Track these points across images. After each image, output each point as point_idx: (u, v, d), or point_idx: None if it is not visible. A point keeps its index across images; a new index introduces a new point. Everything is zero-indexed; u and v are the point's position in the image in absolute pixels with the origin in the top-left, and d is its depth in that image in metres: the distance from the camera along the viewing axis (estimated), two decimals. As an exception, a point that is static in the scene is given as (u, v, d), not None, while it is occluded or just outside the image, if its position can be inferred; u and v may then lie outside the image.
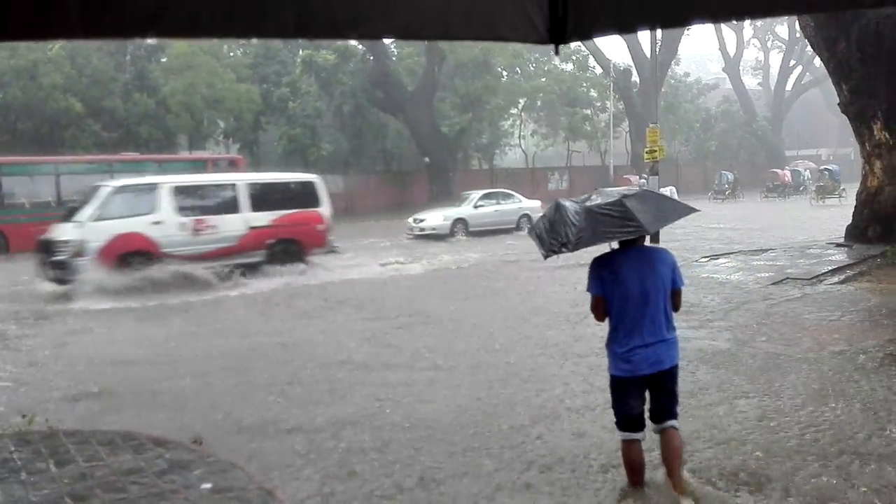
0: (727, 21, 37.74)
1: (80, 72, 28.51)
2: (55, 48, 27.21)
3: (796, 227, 20.99)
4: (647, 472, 4.19)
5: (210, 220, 13.67)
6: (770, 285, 10.94)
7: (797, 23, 22.68)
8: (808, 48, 31.66)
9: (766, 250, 15.11)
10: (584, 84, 45.08)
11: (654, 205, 4.08)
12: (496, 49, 35.41)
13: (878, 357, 6.92)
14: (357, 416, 5.76)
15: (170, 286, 12.24)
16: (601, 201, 3.89)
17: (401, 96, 34.76)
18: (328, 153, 34.48)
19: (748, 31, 56.58)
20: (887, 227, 14.16)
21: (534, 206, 23.40)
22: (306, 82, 33.97)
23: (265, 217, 14.27)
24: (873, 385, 6.07)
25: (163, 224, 13.09)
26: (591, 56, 44.07)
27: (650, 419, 4.08)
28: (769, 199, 35.82)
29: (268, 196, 14.72)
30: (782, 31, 55.43)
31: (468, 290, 12.23)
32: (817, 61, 32.22)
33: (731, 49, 54.76)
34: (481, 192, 23.74)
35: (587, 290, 4.05)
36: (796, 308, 9.37)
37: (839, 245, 14.72)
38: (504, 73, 41.85)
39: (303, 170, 34.42)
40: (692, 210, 4.31)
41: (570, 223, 3.78)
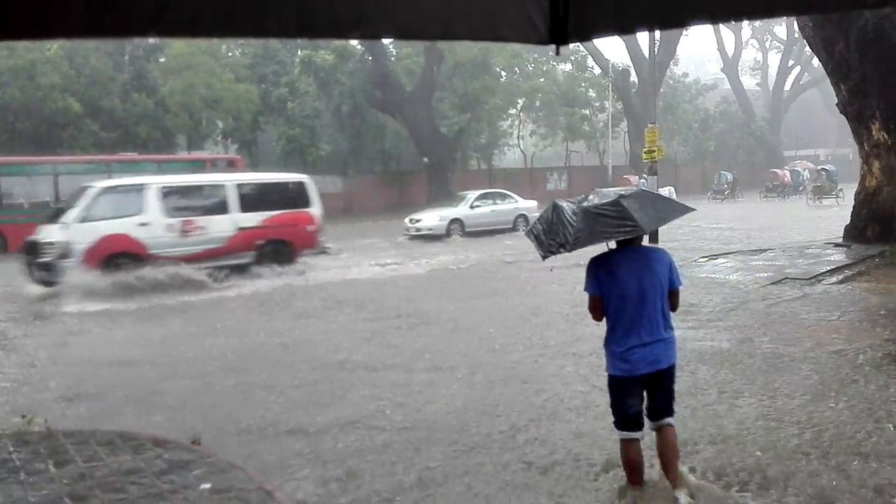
0: (727, 22, 37.80)
1: (78, 72, 28.49)
2: (53, 48, 27.19)
3: (795, 227, 21.00)
4: (646, 472, 4.20)
5: (198, 221, 13.58)
6: (769, 285, 10.95)
7: (795, 23, 22.71)
8: (807, 48, 31.68)
9: (765, 250, 15.12)
10: (583, 84, 45.12)
11: (651, 204, 4.11)
12: (495, 49, 35.38)
13: (877, 357, 6.93)
14: (357, 417, 5.76)
15: (159, 287, 12.13)
16: (598, 201, 3.90)
17: (399, 96, 34.74)
18: (327, 153, 34.48)
19: (747, 31, 56.69)
20: (886, 226, 14.17)
21: (530, 207, 23.39)
22: (305, 82, 33.95)
23: (255, 218, 14.17)
24: (872, 384, 6.08)
25: (150, 225, 12.99)
26: (589, 56, 44.12)
27: (647, 416, 4.10)
28: (768, 199, 35.83)
29: (257, 197, 14.61)
30: (781, 31, 55.52)
31: (467, 291, 12.23)
32: (816, 62, 32.20)
33: (730, 49, 54.86)
34: (477, 193, 23.69)
35: (585, 289, 4.06)
36: (795, 308, 9.38)
37: (838, 245, 14.73)
38: (503, 73, 41.84)
39: (301, 170, 34.55)
40: (689, 209, 4.35)
41: (567, 224, 3.80)
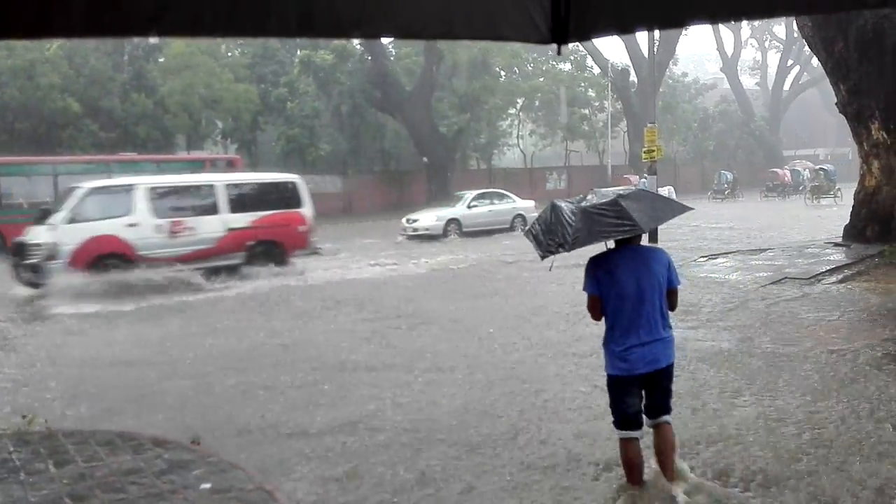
0: (727, 22, 37.76)
1: (77, 72, 28.45)
2: (53, 48, 27.15)
3: (795, 226, 21.00)
4: (645, 471, 4.21)
5: (187, 221, 13.44)
6: (768, 285, 10.95)
7: (795, 23, 22.72)
8: (806, 48, 31.66)
9: (765, 250, 15.12)
10: (583, 84, 45.11)
11: (649, 204, 4.15)
12: (494, 49, 35.38)
13: (877, 356, 6.93)
14: (357, 417, 5.76)
15: (151, 289, 12.02)
16: (597, 201, 3.93)
17: (399, 96, 34.72)
18: (326, 153, 34.45)
19: (746, 31, 56.64)
20: (885, 226, 14.17)
21: (528, 207, 23.34)
22: (304, 82, 33.92)
23: (245, 218, 14.04)
24: (872, 384, 6.09)
25: (138, 226, 12.85)
26: (589, 56, 44.13)
27: (645, 414, 4.13)
28: (769, 199, 35.85)
29: (248, 197, 14.48)
30: (780, 31, 55.49)
31: (466, 291, 12.22)
32: (815, 61, 32.19)
33: (729, 49, 54.83)
34: (475, 193, 23.59)
35: (583, 289, 4.09)
36: (795, 308, 9.38)
37: (837, 245, 14.73)
38: (502, 73, 41.84)
39: (301, 170, 34.55)
40: (687, 209, 4.38)
41: (566, 223, 3.82)
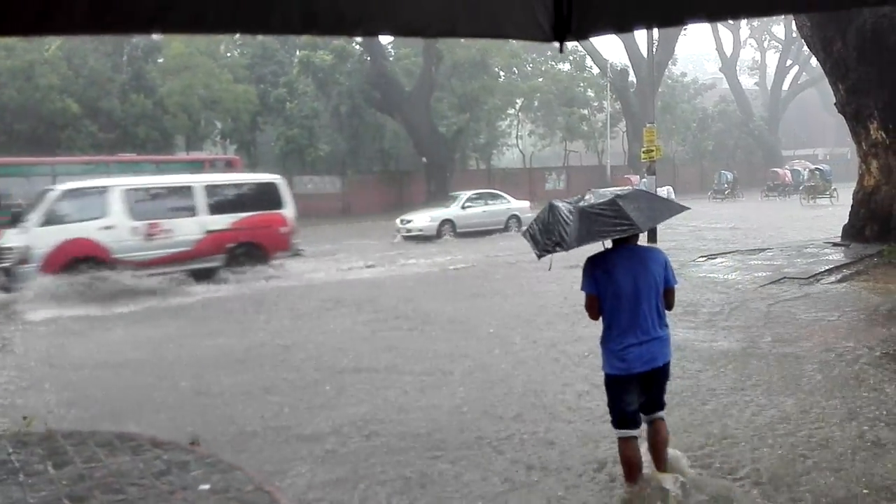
0: (729, 19, 37.69)
1: (76, 72, 28.43)
2: (52, 49, 27.13)
3: (794, 226, 21.01)
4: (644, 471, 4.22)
5: (164, 223, 13.20)
6: (768, 285, 10.94)
7: (794, 23, 22.71)
8: (805, 48, 31.66)
9: (764, 250, 15.13)
10: (582, 84, 45.11)
11: (647, 204, 4.17)
12: (493, 49, 35.38)
13: (875, 356, 6.94)
14: (356, 417, 5.76)
15: (128, 293, 11.87)
16: (595, 201, 3.95)
17: (398, 96, 34.72)
18: (325, 153, 34.44)
19: (745, 31, 56.69)
20: (884, 226, 14.18)
21: (522, 207, 23.30)
22: (303, 83, 33.91)
23: (224, 220, 13.81)
24: (871, 383, 6.09)
25: (114, 228, 12.64)
26: (588, 56, 44.13)
27: (640, 410, 4.16)
28: (769, 199, 35.89)
29: (227, 198, 14.27)
30: (779, 31, 55.52)
31: (465, 291, 12.22)
32: (814, 61, 32.21)
33: (728, 49, 54.88)
34: (469, 193, 23.51)
35: (581, 288, 4.12)
36: (794, 307, 9.38)
37: (836, 244, 14.74)
38: (501, 73, 41.84)
39: (300, 170, 34.62)
40: (684, 208, 4.44)
41: (563, 223, 3.84)
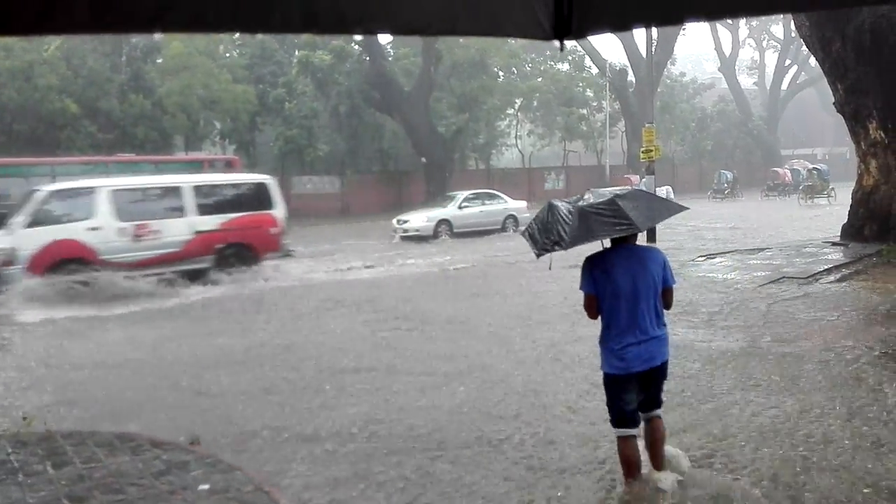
0: (729, 18, 37.64)
1: (75, 73, 28.40)
2: (50, 49, 27.12)
3: (793, 226, 21.02)
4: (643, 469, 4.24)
5: (152, 224, 13.05)
6: (767, 284, 10.94)
7: (792, 22, 22.74)
8: (804, 48, 31.66)
9: (763, 249, 15.13)
10: (581, 84, 45.10)
11: (646, 204, 4.20)
12: (492, 49, 35.36)
13: (874, 355, 6.95)
14: (356, 418, 5.76)
15: (122, 294, 11.78)
16: (594, 201, 3.96)
17: (397, 96, 34.69)
18: (325, 154, 34.41)
19: (744, 31, 56.72)
20: (883, 225, 14.19)
21: (519, 207, 23.28)
22: (302, 83, 33.88)
23: (214, 220, 13.69)
24: (871, 382, 6.10)
25: (101, 230, 12.50)
26: (587, 56, 44.11)
27: (638, 409, 4.17)
28: (770, 198, 35.93)
29: (217, 198, 14.14)
30: (777, 30, 55.54)
31: (464, 291, 12.21)
32: (812, 61, 32.24)
33: (727, 49, 54.86)
34: (466, 193, 23.45)
35: (580, 288, 4.13)
36: (794, 307, 9.39)
37: (835, 244, 14.74)
38: (500, 73, 41.82)
39: (299, 170, 34.60)
40: (683, 208, 4.47)
41: (562, 222, 3.86)
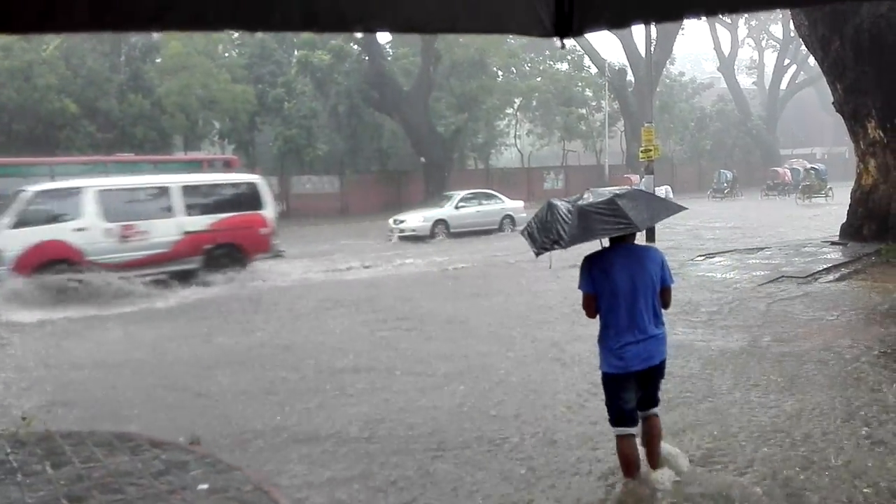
0: (728, 13, 37.53)
1: (74, 73, 28.38)
2: (50, 49, 27.09)
3: (792, 225, 21.03)
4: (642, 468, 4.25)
5: (140, 225, 12.91)
6: (766, 283, 10.95)
7: (791, 22, 22.75)
8: (803, 47, 31.72)
9: (762, 249, 15.14)
10: (580, 84, 45.10)
11: (645, 203, 4.22)
12: (492, 49, 35.35)
13: (873, 354, 6.95)
14: (355, 418, 5.76)
15: (110, 295, 11.72)
16: (593, 200, 3.98)
17: (396, 96, 34.68)
18: (324, 153, 34.39)
19: (743, 30, 56.79)
20: (882, 224, 14.19)
21: (516, 207, 23.26)
22: (302, 83, 33.86)
23: (203, 221, 13.59)
24: (870, 382, 6.10)
25: (87, 230, 12.37)
26: (586, 55, 44.12)
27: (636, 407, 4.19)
28: (770, 198, 35.96)
29: (206, 199, 14.04)
30: (776, 30, 55.60)
31: (464, 291, 12.21)
32: (811, 60, 32.33)
33: (726, 48, 54.86)
34: (463, 193, 23.40)
35: (579, 287, 4.15)
36: (793, 306, 9.39)
37: (834, 243, 14.75)
38: (499, 72, 41.82)
39: (298, 170, 34.58)
40: (682, 208, 4.50)
41: (562, 221, 3.88)
